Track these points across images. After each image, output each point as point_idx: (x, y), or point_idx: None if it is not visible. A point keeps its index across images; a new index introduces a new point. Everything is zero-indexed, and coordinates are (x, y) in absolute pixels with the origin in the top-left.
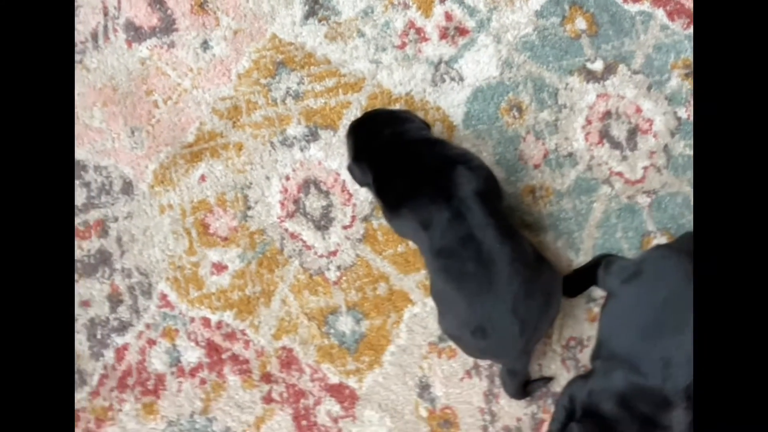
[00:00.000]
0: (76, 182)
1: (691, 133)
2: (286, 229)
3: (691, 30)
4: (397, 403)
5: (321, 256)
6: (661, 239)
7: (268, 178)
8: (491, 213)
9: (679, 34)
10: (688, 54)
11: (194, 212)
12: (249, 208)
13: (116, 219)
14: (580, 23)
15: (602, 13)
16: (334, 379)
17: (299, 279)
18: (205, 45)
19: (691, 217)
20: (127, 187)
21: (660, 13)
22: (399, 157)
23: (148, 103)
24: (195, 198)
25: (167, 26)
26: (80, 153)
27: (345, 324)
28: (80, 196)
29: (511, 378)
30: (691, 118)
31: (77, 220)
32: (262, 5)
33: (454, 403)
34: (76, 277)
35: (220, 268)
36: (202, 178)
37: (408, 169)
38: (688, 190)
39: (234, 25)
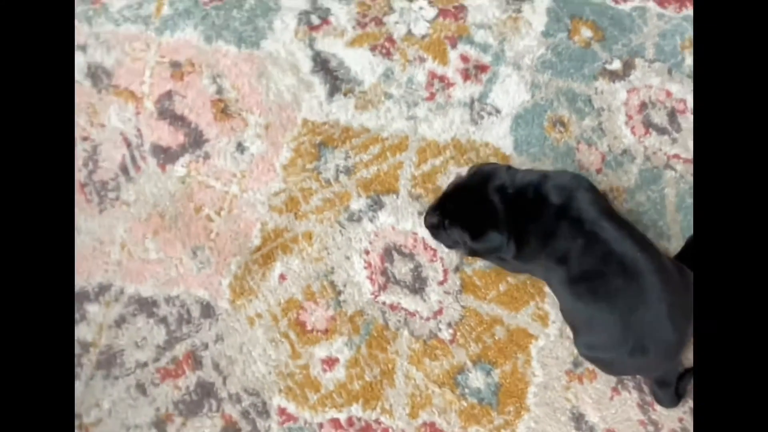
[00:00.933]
0: (150, 320)
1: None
2: (384, 303)
3: (684, 11)
4: None
5: (428, 319)
6: None
7: (347, 257)
8: (620, 225)
9: (676, 17)
10: (690, 33)
11: (285, 314)
12: (339, 293)
13: (206, 346)
14: (586, 32)
15: (602, 18)
16: None
17: (414, 349)
18: (240, 147)
19: None
20: (207, 310)
21: (652, 5)
22: (521, 210)
23: (200, 219)
24: (281, 299)
25: (196, 140)
26: (146, 289)
27: (477, 379)
28: (160, 334)
29: (664, 389)
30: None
31: (163, 360)
32: (284, 95)
33: (612, 424)
34: (181, 419)
35: (330, 362)
36: (282, 277)
37: (536, 219)
38: None
39: (262, 120)
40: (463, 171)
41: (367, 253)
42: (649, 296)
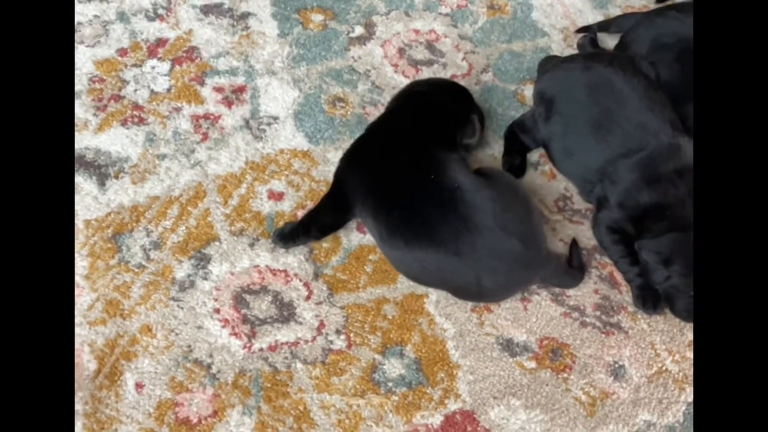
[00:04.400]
0: None
1: (468, 19)
2: (261, 349)
3: None
4: (504, 378)
5: (313, 339)
6: (526, 87)
7: (199, 327)
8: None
9: None
10: None
11: (162, 421)
12: (209, 367)
13: None
14: (317, 17)
15: (324, 0)
16: (437, 420)
17: (316, 375)
18: None
19: (522, 58)
20: None
21: None
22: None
23: None
24: (149, 409)
25: None
26: None
27: (393, 367)
28: None
29: (559, 276)
30: (450, 8)
31: None
32: None
33: (541, 332)
34: None
35: None
36: (138, 386)
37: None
38: (504, 46)
39: None
40: (274, 184)
41: (217, 311)
42: (477, 219)
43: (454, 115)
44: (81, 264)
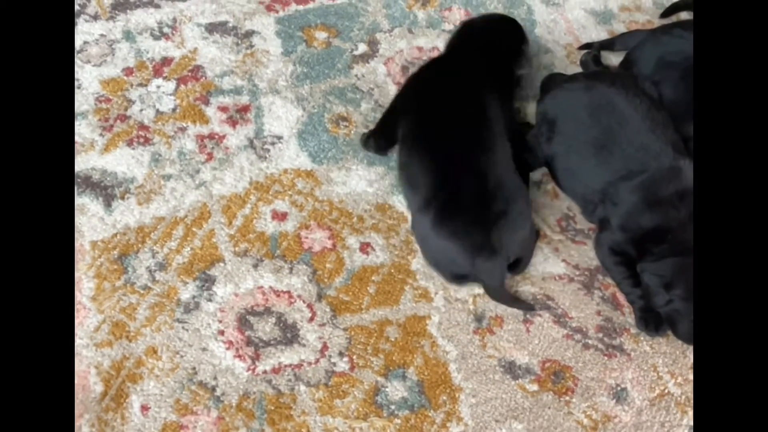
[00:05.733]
0: None
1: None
2: (265, 371)
3: None
4: (506, 402)
5: (316, 362)
6: (530, 104)
7: (204, 349)
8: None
9: None
10: None
11: None
12: (213, 389)
13: None
14: (320, 35)
15: (327, 17)
16: None
17: (319, 398)
18: None
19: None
20: None
21: None
22: None
23: None
24: (155, 431)
25: None
26: None
27: (396, 390)
28: None
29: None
30: (453, 25)
31: None
32: None
33: (544, 354)
34: None
35: None
36: (144, 408)
37: None
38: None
39: None
40: (278, 204)
41: (221, 333)
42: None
43: (508, 49)
44: (87, 285)
